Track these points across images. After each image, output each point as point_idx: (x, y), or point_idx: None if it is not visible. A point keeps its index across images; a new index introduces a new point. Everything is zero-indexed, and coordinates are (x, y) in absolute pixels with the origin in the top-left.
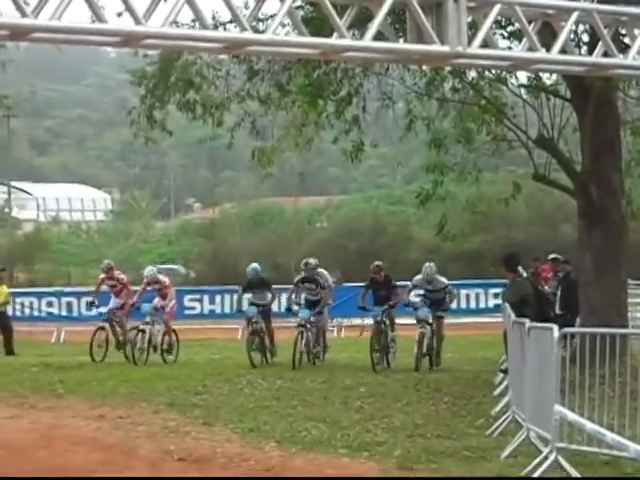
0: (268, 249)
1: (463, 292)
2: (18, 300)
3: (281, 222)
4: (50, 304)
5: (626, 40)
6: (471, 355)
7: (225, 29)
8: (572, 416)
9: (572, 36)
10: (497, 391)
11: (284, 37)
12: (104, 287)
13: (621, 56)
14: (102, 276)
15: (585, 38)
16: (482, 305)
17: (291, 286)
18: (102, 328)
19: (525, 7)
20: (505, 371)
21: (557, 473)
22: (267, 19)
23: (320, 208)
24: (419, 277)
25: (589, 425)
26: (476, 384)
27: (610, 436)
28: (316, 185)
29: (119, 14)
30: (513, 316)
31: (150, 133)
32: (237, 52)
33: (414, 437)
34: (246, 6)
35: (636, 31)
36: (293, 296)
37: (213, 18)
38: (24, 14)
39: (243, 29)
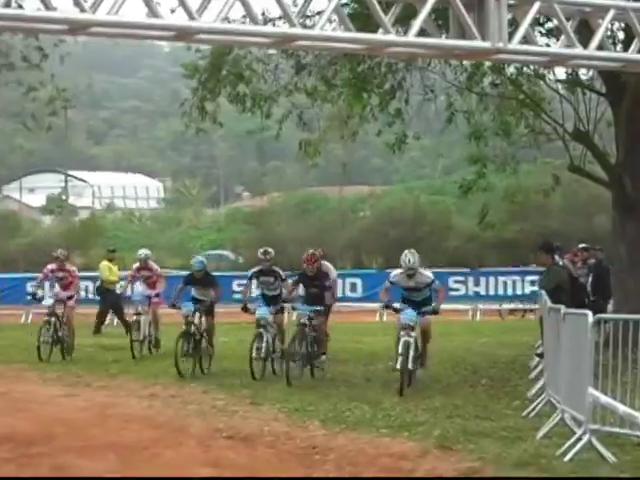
0: (313, 236)
1: (501, 279)
2: None
3: (326, 210)
4: None
5: None
6: (508, 340)
7: (274, 25)
8: (605, 399)
9: (608, 33)
10: (533, 374)
11: (331, 32)
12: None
13: None
14: (51, 266)
15: (621, 35)
16: (519, 291)
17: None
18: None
19: (563, 5)
20: (541, 355)
21: (590, 453)
22: (315, 15)
23: (363, 197)
24: (398, 272)
25: (621, 408)
26: (513, 367)
27: None
28: (360, 175)
29: (173, 10)
30: (549, 302)
31: (201, 124)
32: (286, 47)
33: (453, 418)
34: (295, 3)
35: None
36: (248, 292)
37: (263, 14)
38: (83, 9)
39: (292, 25)
